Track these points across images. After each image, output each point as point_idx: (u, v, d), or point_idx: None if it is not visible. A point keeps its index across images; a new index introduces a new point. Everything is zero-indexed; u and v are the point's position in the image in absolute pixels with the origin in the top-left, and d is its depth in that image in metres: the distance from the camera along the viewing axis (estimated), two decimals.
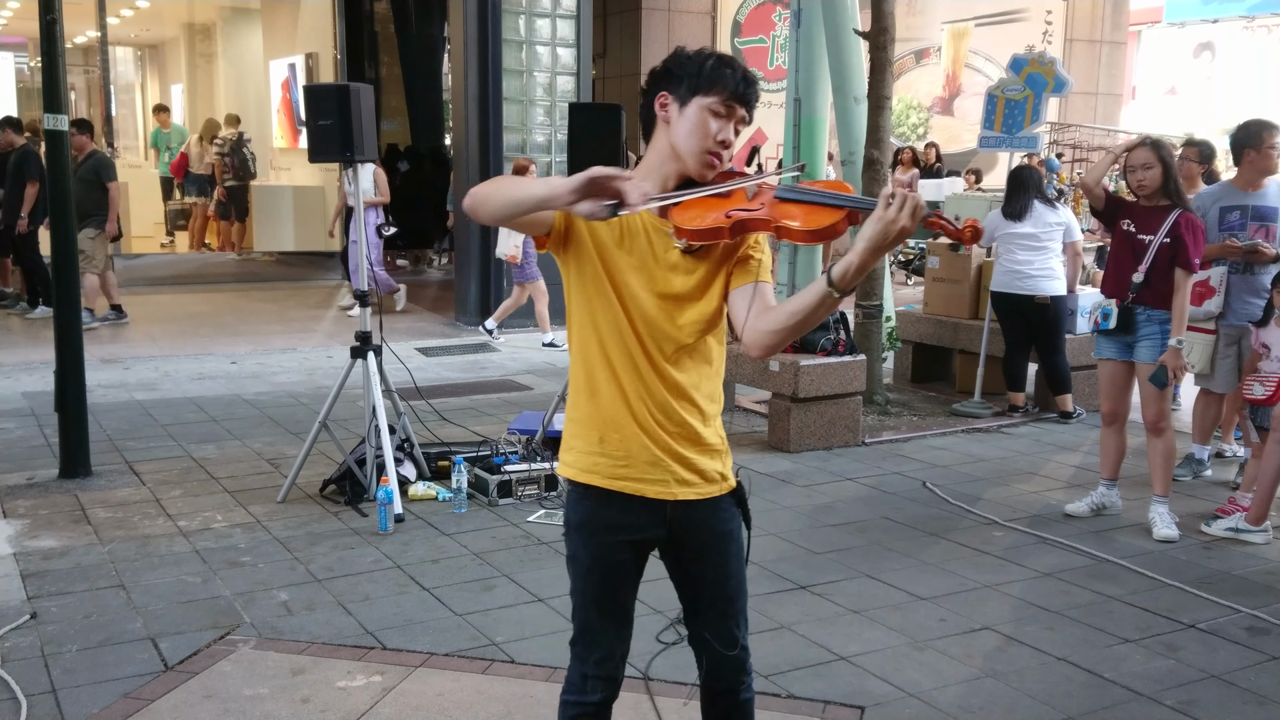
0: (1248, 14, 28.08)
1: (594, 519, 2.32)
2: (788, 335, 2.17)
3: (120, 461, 5.91)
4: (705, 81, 2.22)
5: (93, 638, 3.78)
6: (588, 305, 2.28)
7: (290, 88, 15.80)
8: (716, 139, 2.21)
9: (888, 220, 1.97)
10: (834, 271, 2.05)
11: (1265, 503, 4.82)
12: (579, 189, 1.96)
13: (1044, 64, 7.28)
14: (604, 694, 2.36)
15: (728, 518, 2.36)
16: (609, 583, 2.35)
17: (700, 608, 2.40)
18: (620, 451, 2.27)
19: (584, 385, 2.30)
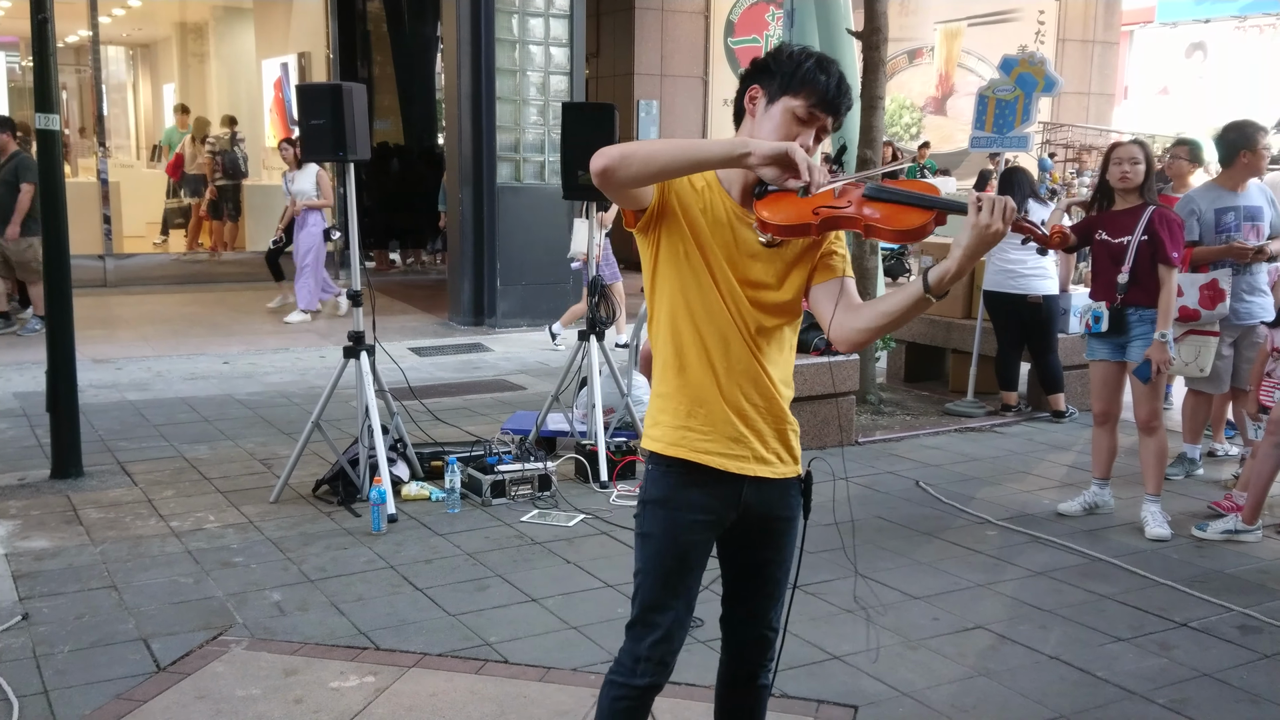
0: (1239, 14, 28.16)
1: (675, 496, 2.33)
2: (878, 333, 2.26)
3: (112, 462, 5.89)
4: (796, 83, 2.23)
5: (85, 638, 3.77)
6: (679, 281, 2.30)
7: (283, 87, 15.77)
8: (797, 143, 2.19)
9: (981, 225, 2.04)
10: (930, 276, 2.12)
11: (1258, 503, 4.83)
12: (774, 156, 2.04)
13: (1034, 64, 7.30)
14: (652, 679, 2.35)
15: (793, 503, 2.42)
16: (684, 562, 2.35)
17: (750, 589, 2.44)
18: (706, 425, 2.31)
19: (673, 360, 2.33)
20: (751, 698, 2.53)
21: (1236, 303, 5.47)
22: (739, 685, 2.52)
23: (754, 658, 2.49)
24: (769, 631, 2.47)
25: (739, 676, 2.51)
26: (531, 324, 10.35)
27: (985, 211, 2.04)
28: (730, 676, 2.53)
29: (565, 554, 4.63)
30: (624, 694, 2.35)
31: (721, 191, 2.31)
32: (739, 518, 2.37)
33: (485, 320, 10.33)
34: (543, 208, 10.32)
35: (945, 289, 2.13)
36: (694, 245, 2.28)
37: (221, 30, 18.03)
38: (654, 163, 2.10)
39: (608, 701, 2.38)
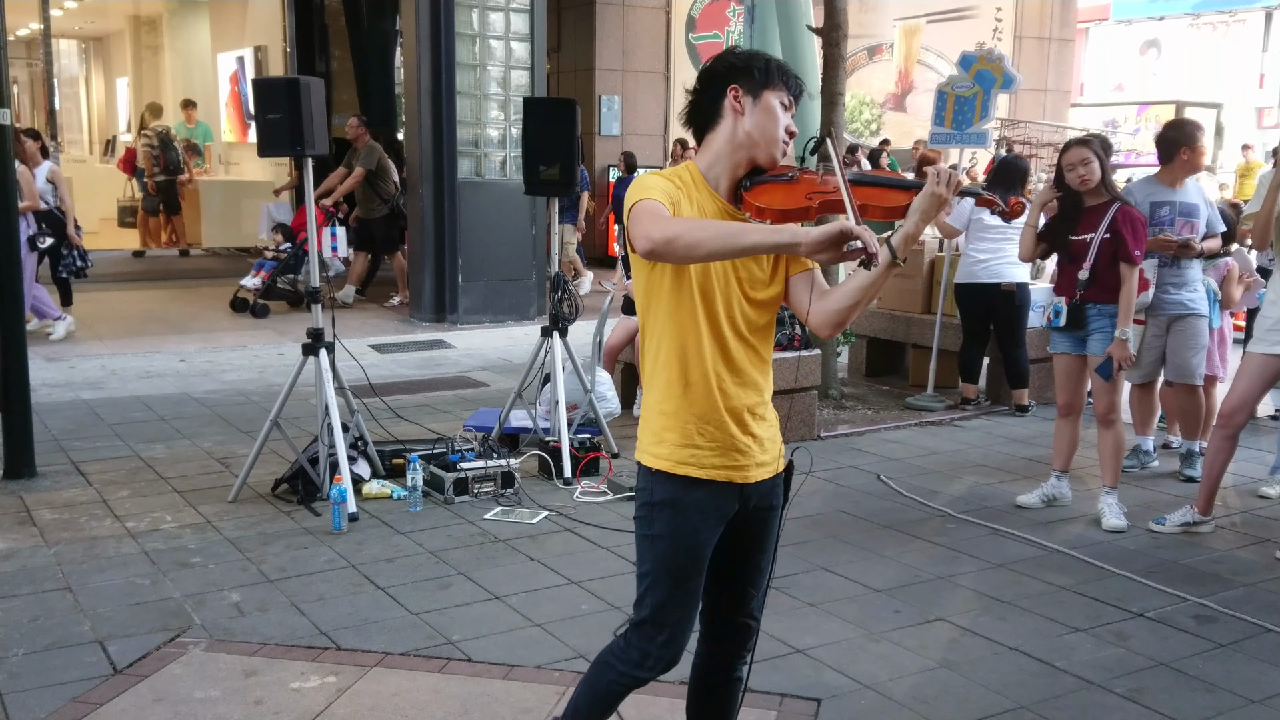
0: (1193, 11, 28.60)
1: (683, 498, 2.39)
2: (855, 309, 2.36)
3: (66, 462, 5.80)
4: (771, 78, 2.41)
5: (39, 641, 3.71)
6: (684, 300, 2.36)
7: (239, 81, 15.59)
8: (786, 128, 2.42)
9: (938, 193, 2.25)
10: (894, 241, 2.25)
11: (1211, 494, 4.91)
12: (827, 241, 2.13)
13: (992, 60, 7.36)
14: (655, 674, 2.45)
15: (778, 492, 2.51)
16: (695, 561, 2.41)
17: (735, 577, 2.51)
18: (713, 442, 2.38)
19: (677, 378, 2.38)
20: (726, 691, 2.58)
21: (1162, 294, 5.55)
22: (715, 678, 2.57)
23: (733, 647, 2.55)
24: (750, 620, 2.55)
25: (716, 668, 2.56)
26: (494, 320, 10.31)
27: (942, 183, 2.25)
28: (707, 669, 2.57)
29: (529, 551, 4.61)
30: (626, 683, 2.48)
31: (709, 191, 2.41)
32: (739, 510, 2.45)
33: (447, 316, 10.27)
34: (504, 203, 10.28)
35: (906, 252, 2.28)
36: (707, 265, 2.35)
37: (176, 23, 17.79)
38: (703, 249, 2.18)
39: (606, 683, 2.49)
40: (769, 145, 2.40)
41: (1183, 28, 29.08)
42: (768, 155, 2.41)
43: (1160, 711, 3.36)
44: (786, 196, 2.38)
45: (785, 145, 2.43)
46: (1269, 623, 3.98)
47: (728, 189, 2.42)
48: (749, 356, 2.41)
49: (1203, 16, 28.45)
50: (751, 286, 2.40)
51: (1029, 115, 18.95)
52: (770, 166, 2.43)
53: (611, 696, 2.51)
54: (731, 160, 2.40)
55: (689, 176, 2.41)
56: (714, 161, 2.41)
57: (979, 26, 18.75)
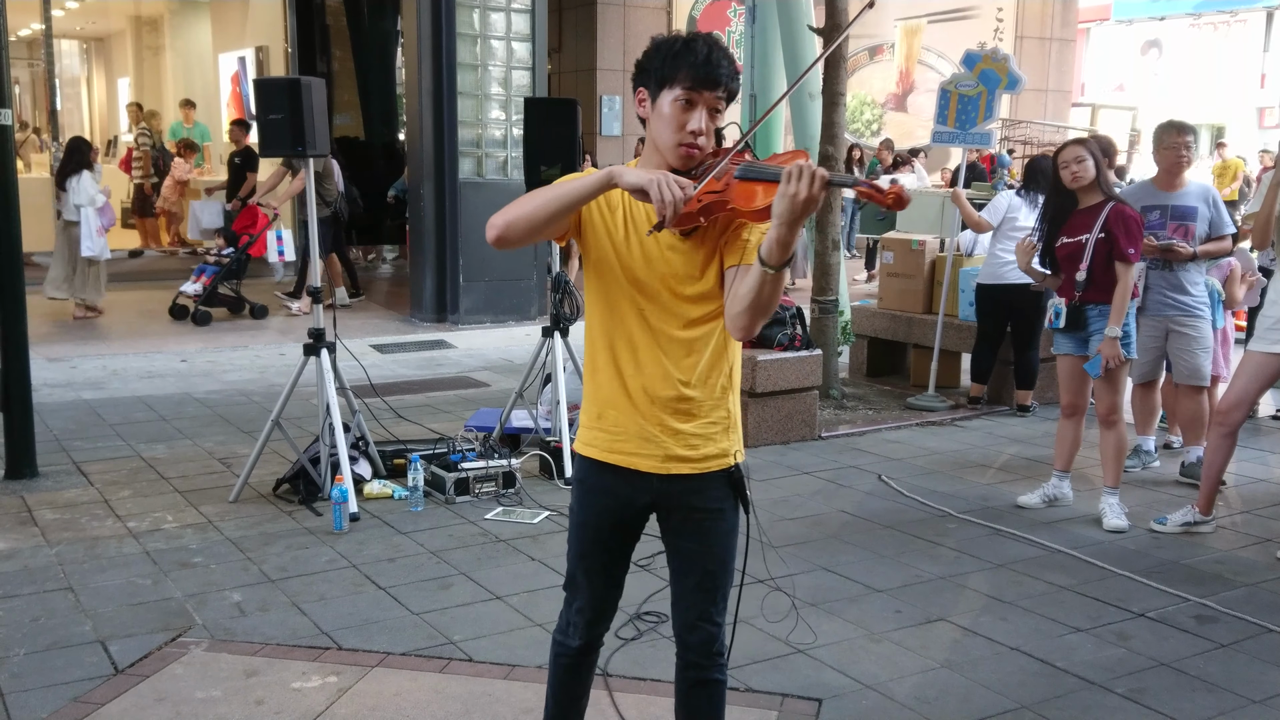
0: (1194, 11, 28.59)
1: (590, 479, 2.47)
2: (751, 317, 2.17)
3: (67, 462, 5.80)
4: (669, 71, 2.22)
5: (41, 641, 3.71)
6: (597, 286, 2.38)
7: (240, 81, 15.59)
8: (687, 130, 2.22)
9: (790, 194, 2.01)
10: (761, 250, 2.10)
11: (1212, 493, 4.91)
12: (638, 188, 2.11)
13: (997, 60, 7.33)
14: (582, 642, 2.53)
15: (718, 495, 2.41)
16: (597, 541, 2.49)
17: (684, 579, 2.47)
18: (616, 427, 2.39)
19: (589, 364, 2.44)
20: (705, 694, 2.53)
21: (1156, 295, 5.53)
22: (689, 682, 2.53)
23: (699, 651, 2.48)
24: (709, 625, 2.46)
25: (688, 672, 2.52)
26: (495, 320, 10.31)
27: (794, 181, 2.01)
28: (681, 672, 2.54)
29: (530, 551, 4.61)
30: (562, 652, 2.58)
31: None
32: (657, 506, 2.42)
33: (448, 317, 10.27)
34: (505, 203, 10.24)
35: (778, 260, 2.07)
36: (610, 251, 2.33)
37: (177, 24, 17.80)
38: (537, 218, 2.20)
39: (552, 658, 2.61)
40: (669, 152, 2.26)
41: (1184, 28, 29.07)
42: (675, 161, 2.26)
43: (1161, 712, 3.35)
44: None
45: (688, 149, 2.24)
46: (1270, 623, 3.98)
47: None
48: (669, 349, 2.33)
49: (1204, 16, 28.44)
50: (678, 281, 2.32)
51: (1030, 115, 18.96)
52: (681, 169, 2.25)
53: (560, 673, 2.60)
54: (652, 164, 2.30)
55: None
56: (643, 163, 2.34)
57: (980, 26, 18.75)
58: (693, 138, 2.23)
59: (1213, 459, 4.86)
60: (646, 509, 2.44)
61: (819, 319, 7.22)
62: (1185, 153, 5.44)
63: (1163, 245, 5.38)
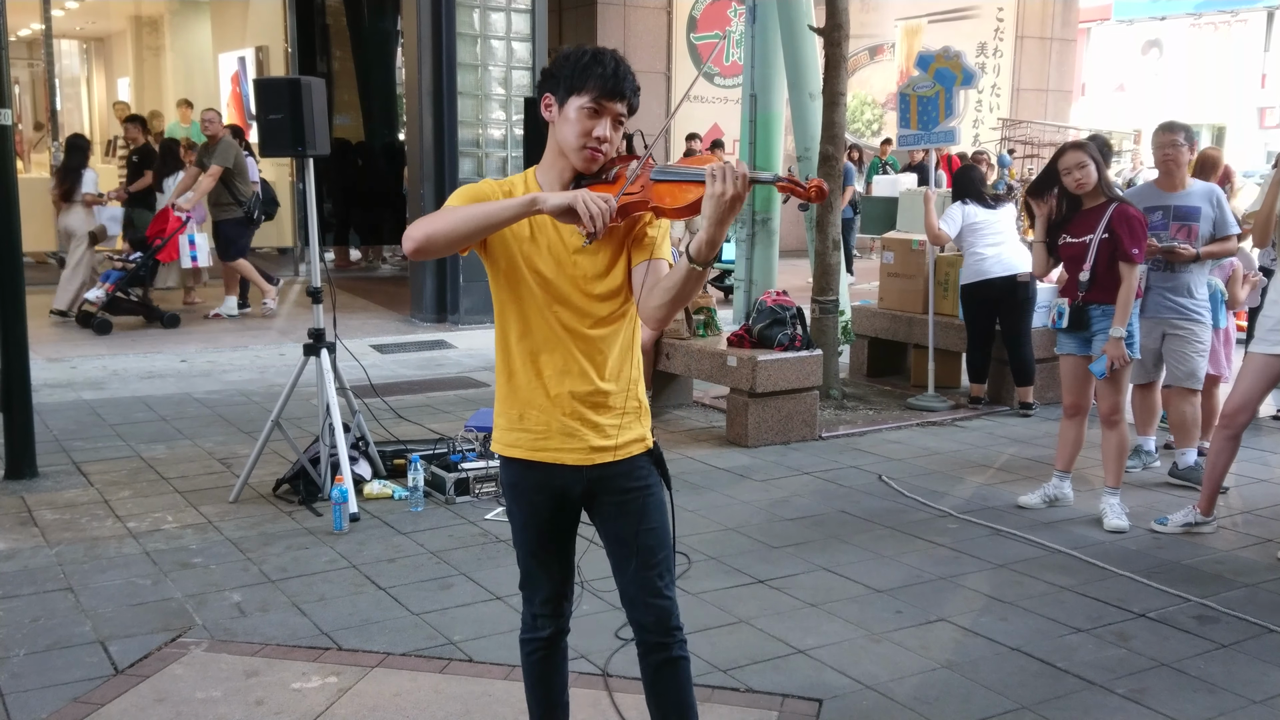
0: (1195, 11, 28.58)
1: (522, 480, 2.55)
2: (670, 309, 2.32)
3: (67, 462, 5.80)
4: (578, 81, 2.36)
5: (40, 641, 3.71)
6: (508, 293, 2.46)
7: (240, 81, 15.59)
8: (593, 136, 2.36)
9: (716, 193, 2.18)
10: (690, 248, 2.25)
11: (1214, 494, 4.90)
12: (562, 209, 2.22)
13: (950, 58, 7.32)
14: (553, 628, 2.66)
15: (644, 474, 2.54)
16: (542, 534, 2.59)
17: (623, 560, 2.55)
18: (539, 426, 2.48)
19: (503, 368, 2.52)
20: (670, 672, 2.58)
21: (1156, 297, 5.52)
22: (652, 660, 2.58)
23: (654, 629, 2.54)
24: (659, 600, 2.53)
25: (650, 651, 2.57)
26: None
27: (718, 180, 2.17)
28: (643, 653, 2.59)
29: None
30: (535, 647, 2.68)
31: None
32: (589, 494, 2.53)
33: (448, 317, 10.28)
34: None
35: (706, 258, 2.23)
36: (518, 258, 2.42)
37: (177, 24, 17.79)
38: (456, 236, 2.29)
39: (524, 657, 2.70)
40: (574, 155, 2.38)
41: (1184, 28, 29.06)
42: (578, 163, 2.39)
43: (1162, 712, 3.35)
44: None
45: (592, 152, 2.37)
46: (1271, 623, 3.98)
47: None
48: (579, 346, 2.44)
49: (1204, 16, 28.43)
50: (587, 281, 2.42)
51: (1030, 115, 18.96)
52: (587, 172, 2.40)
53: (536, 667, 2.69)
54: (556, 169, 2.44)
55: (523, 184, 2.46)
56: (547, 168, 2.46)
57: (980, 26, 18.76)
58: (597, 143, 2.37)
59: (1215, 461, 4.85)
60: (580, 497, 2.55)
61: (819, 319, 7.22)
62: (1171, 151, 5.40)
63: (1165, 247, 5.36)
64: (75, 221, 10.09)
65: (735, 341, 6.47)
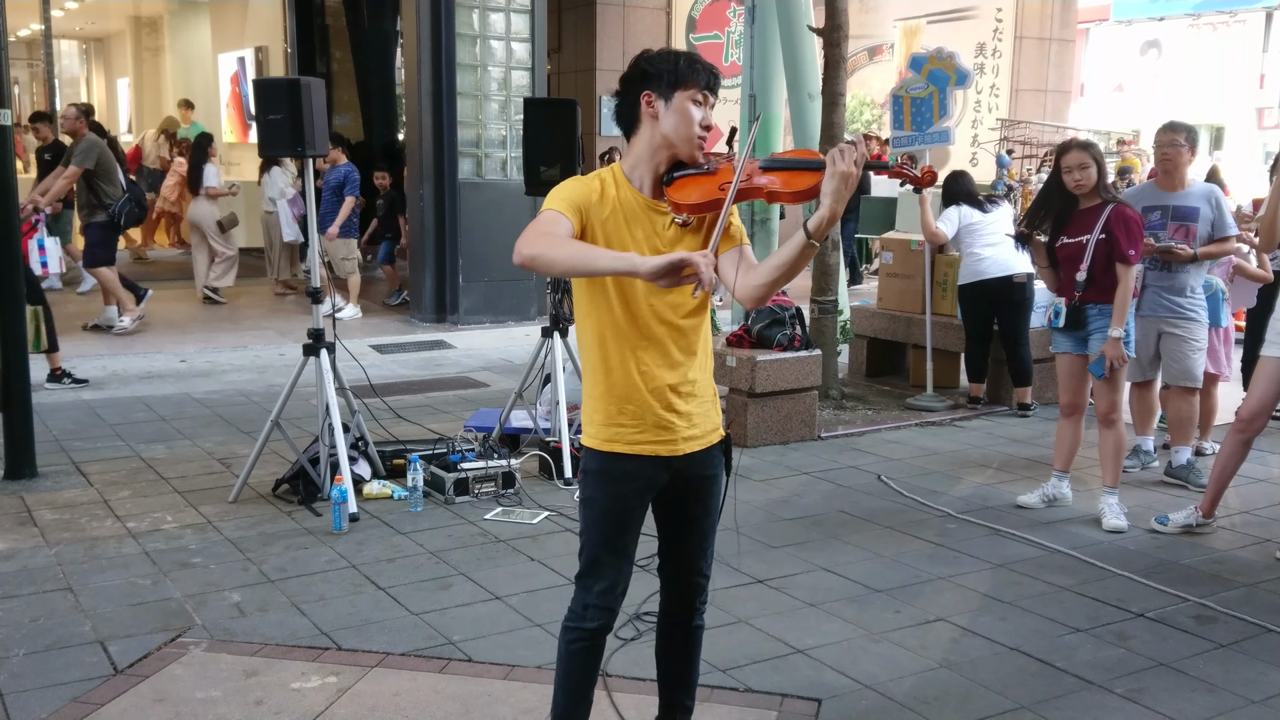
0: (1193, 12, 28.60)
1: (612, 469, 2.63)
2: (775, 286, 2.54)
3: (67, 462, 5.80)
4: (683, 76, 2.55)
5: (40, 641, 3.71)
6: (601, 289, 2.57)
7: (240, 82, 15.59)
8: (701, 124, 2.57)
9: (841, 172, 2.40)
10: (809, 225, 2.42)
11: (1217, 496, 4.89)
12: (663, 270, 2.30)
13: (943, 59, 7.33)
14: (600, 622, 2.67)
15: (715, 462, 2.73)
16: (622, 523, 2.66)
17: (682, 540, 2.76)
18: (635, 420, 2.61)
19: (599, 364, 2.62)
20: (688, 638, 2.86)
21: (1152, 296, 5.53)
22: (676, 627, 2.84)
23: (689, 601, 2.81)
24: (700, 577, 2.80)
25: (676, 619, 2.83)
26: (494, 321, 10.31)
27: (844, 159, 2.40)
28: (669, 619, 2.85)
29: (529, 551, 4.61)
30: (577, 637, 2.69)
31: (632, 190, 2.60)
32: (671, 480, 2.67)
33: (447, 317, 10.27)
34: (505, 204, 10.27)
35: (823, 234, 2.43)
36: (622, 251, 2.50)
37: (177, 24, 17.80)
38: (556, 269, 2.50)
39: (564, 645, 2.71)
40: (685, 144, 2.57)
41: (1183, 28, 29.08)
42: (686, 153, 2.58)
43: (1161, 712, 3.35)
44: (700, 190, 2.55)
45: (702, 140, 2.58)
46: (1269, 623, 3.98)
47: (651, 185, 2.61)
48: (672, 338, 2.60)
49: (1203, 17, 28.44)
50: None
51: (1029, 116, 18.95)
52: (691, 162, 2.59)
53: (573, 659, 2.70)
54: (652, 161, 2.60)
55: (611, 177, 2.61)
56: (636, 163, 2.61)
57: (979, 27, 18.75)
58: (705, 131, 2.58)
59: (1225, 464, 4.83)
60: (663, 486, 2.67)
61: (818, 319, 7.22)
62: (1171, 151, 5.41)
63: (1162, 247, 5.37)
64: (202, 213, 10.97)
65: (734, 341, 6.47)
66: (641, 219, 2.57)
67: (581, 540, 2.70)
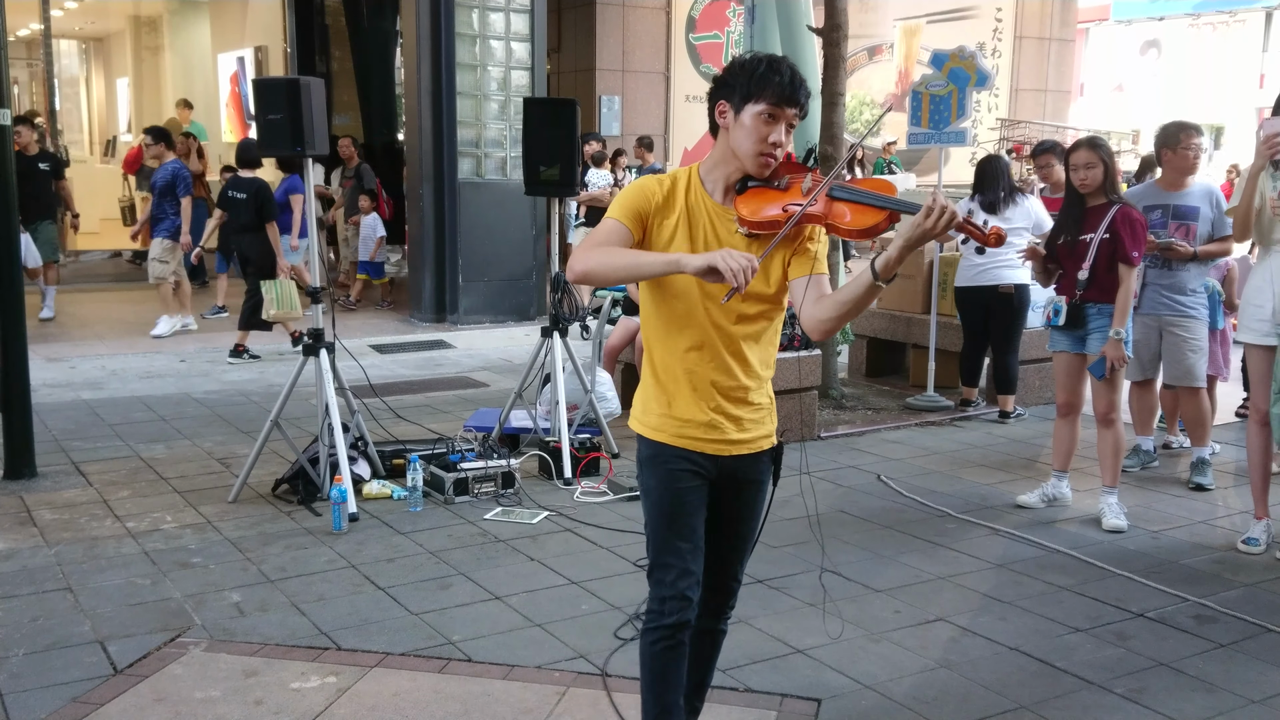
0: (1193, 11, 28.61)
1: (664, 452, 2.63)
2: (841, 321, 2.52)
3: (66, 462, 5.80)
4: (754, 89, 2.48)
5: (40, 641, 3.71)
6: (660, 289, 2.58)
7: (239, 81, 15.59)
8: (768, 142, 2.50)
9: (926, 228, 2.32)
10: (877, 264, 2.40)
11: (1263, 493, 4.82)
12: (705, 269, 2.30)
13: (964, 58, 7.32)
14: (679, 616, 2.60)
15: (763, 469, 2.72)
16: (682, 505, 2.62)
17: (720, 542, 2.72)
18: (684, 415, 2.61)
19: (658, 358, 2.63)
20: (711, 641, 2.85)
21: (1153, 295, 5.53)
22: (702, 628, 2.78)
23: (718, 604, 2.80)
24: (733, 582, 2.80)
25: (703, 619, 2.76)
26: (494, 321, 10.32)
27: (934, 217, 2.31)
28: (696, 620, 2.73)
29: (529, 551, 4.61)
30: (659, 636, 2.62)
31: (704, 193, 2.58)
32: (716, 481, 2.66)
33: (447, 317, 10.28)
34: (505, 203, 10.28)
35: (890, 275, 2.41)
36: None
37: (176, 24, 17.80)
38: (609, 279, 2.49)
39: (647, 647, 2.65)
40: (749, 160, 2.52)
41: (1183, 28, 29.10)
42: (753, 169, 2.54)
43: (1160, 711, 3.35)
44: (765, 206, 2.51)
45: (767, 157, 2.51)
46: (1269, 623, 3.98)
47: (723, 192, 2.59)
48: (724, 342, 2.57)
49: (1203, 17, 28.46)
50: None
51: (1029, 115, 18.97)
52: (758, 176, 2.54)
53: (655, 661, 2.64)
54: (725, 169, 2.57)
55: (686, 180, 2.59)
56: (712, 168, 2.60)
57: (979, 26, 18.76)
58: (772, 148, 2.50)
59: (1258, 459, 4.81)
60: (713, 482, 2.66)
61: None
62: (1195, 153, 5.43)
63: (1162, 244, 5.37)
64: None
65: None
66: (705, 223, 2.55)
67: (646, 534, 2.67)
